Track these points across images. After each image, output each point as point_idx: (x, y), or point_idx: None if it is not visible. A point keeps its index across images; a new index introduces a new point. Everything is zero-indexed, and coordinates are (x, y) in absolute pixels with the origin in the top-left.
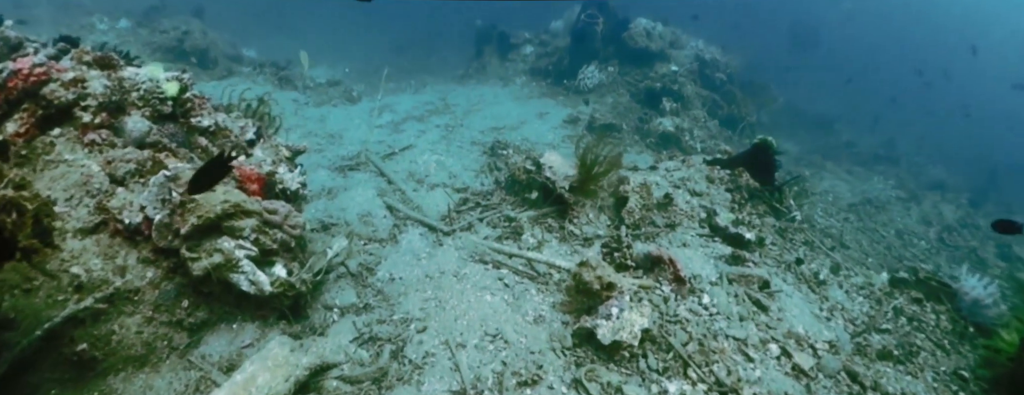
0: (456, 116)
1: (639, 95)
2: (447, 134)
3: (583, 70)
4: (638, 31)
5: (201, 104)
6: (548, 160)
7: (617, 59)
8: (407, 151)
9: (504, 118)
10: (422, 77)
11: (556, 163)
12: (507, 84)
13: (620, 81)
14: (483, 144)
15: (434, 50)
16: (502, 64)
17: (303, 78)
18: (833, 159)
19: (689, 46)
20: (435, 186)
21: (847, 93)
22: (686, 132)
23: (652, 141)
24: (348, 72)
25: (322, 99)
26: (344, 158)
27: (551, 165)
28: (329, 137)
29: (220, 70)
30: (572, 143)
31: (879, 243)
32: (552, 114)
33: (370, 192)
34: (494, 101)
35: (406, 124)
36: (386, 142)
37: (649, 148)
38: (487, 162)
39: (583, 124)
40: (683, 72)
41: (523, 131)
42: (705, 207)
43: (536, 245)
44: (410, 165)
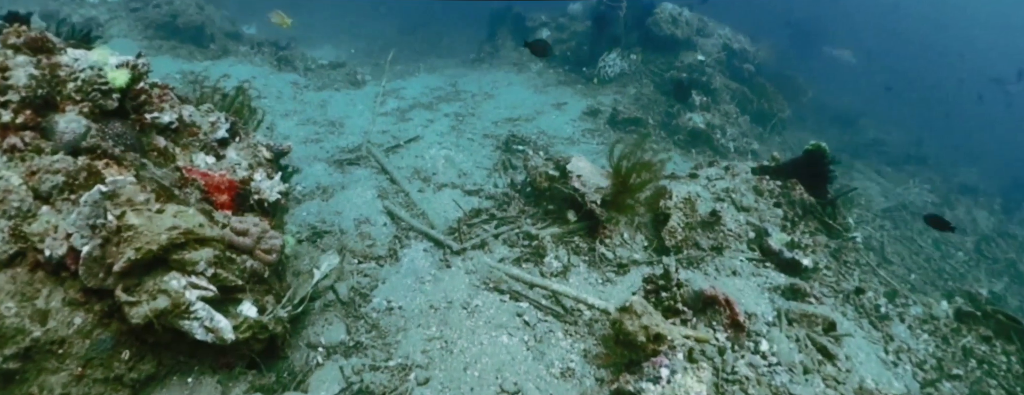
0: (467, 104)
1: (664, 86)
2: (457, 124)
3: (604, 57)
4: (664, 17)
5: (162, 96)
6: (575, 167)
7: (640, 46)
8: (413, 143)
9: (519, 108)
10: (432, 60)
11: (585, 171)
12: (522, 70)
13: (643, 70)
14: (496, 137)
15: (446, 31)
16: (517, 48)
17: (301, 57)
18: (862, 158)
19: (716, 34)
20: (443, 186)
21: (874, 87)
22: (718, 129)
23: (680, 138)
24: (354, 53)
25: (324, 82)
26: (344, 150)
27: (579, 173)
28: (329, 125)
29: (215, 49)
30: (593, 138)
31: (918, 254)
32: (570, 105)
33: (370, 193)
34: (508, 88)
35: (413, 112)
36: (391, 132)
37: (677, 146)
38: (501, 159)
39: (604, 117)
40: (710, 62)
41: (539, 123)
42: (754, 225)
43: (561, 270)
44: (416, 160)
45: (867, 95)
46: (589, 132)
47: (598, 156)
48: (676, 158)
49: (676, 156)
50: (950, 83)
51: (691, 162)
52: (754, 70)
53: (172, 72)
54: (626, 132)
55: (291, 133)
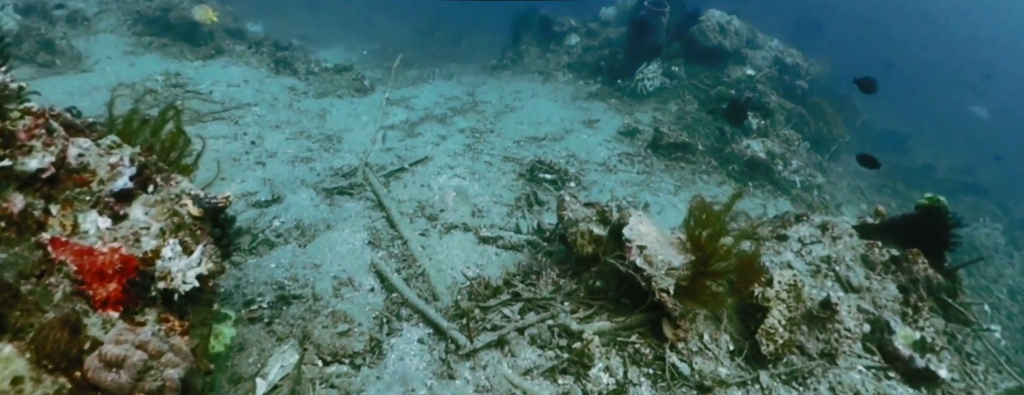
0: (486, 118)
1: (709, 103)
2: (474, 143)
3: (643, 69)
4: (710, 25)
5: (32, 128)
6: (635, 232)
7: (683, 57)
8: (421, 166)
9: (544, 124)
10: (449, 65)
11: (648, 239)
12: (547, 80)
13: (687, 85)
14: (519, 161)
15: (466, 34)
16: (543, 55)
17: (304, 59)
18: (916, 187)
19: (767, 46)
20: (452, 229)
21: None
22: (778, 159)
23: (735, 169)
24: (367, 55)
25: (326, 88)
26: (338, 173)
27: (640, 242)
28: (325, 140)
29: (209, 48)
30: (631, 165)
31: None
32: (603, 122)
33: (359, 237)
34: (532, 101)
35: (424, 126)
36: (396, 150)
37: (731, 178)
38: (525, 193)
39: (644, 139)
40: (760, 78)
41: (568, 143)
42: (869, 314)
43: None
44: (421, 191)
45: (908, 113)
46: (627, 157)
47: (639, 189)
48: (729, 191)
49: (731, 192)
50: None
51: (749, 199)
52: (807, 87)
53: (154, 73)
54: (671, 159)
55: (279, 149)
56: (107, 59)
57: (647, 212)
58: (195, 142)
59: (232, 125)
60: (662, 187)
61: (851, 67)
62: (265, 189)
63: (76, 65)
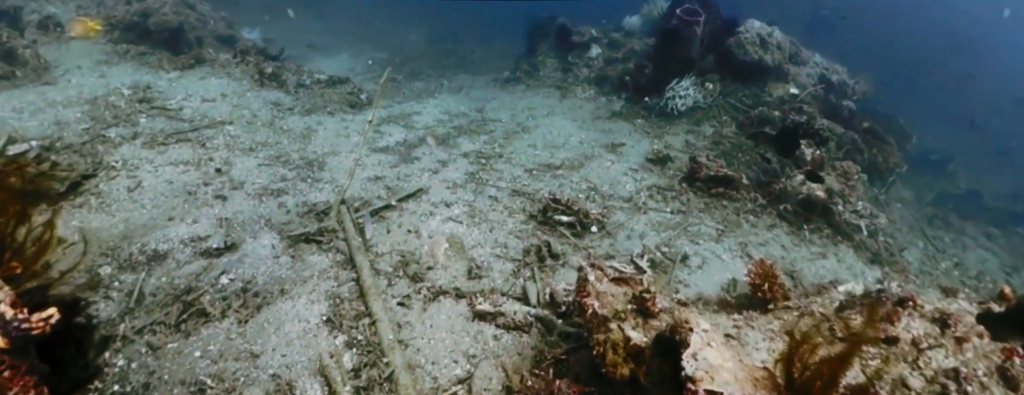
0: (494, 139)
1: (749, 126)
2: (479, 171)
3: (673, 85)
4: (750, 37)
5: None
6: (702, 362)
7: (718, 73)
8: (413, 200)
9: (561, 148)
10: (459, 77)
11: (723, 373)
12: (565, 95)
13: (723, 104)
14: (531, 196)
15: (479, 43)
16: (560, 67)
17: (296, 70)
18: (965, 216)
19: (811, 62)
20: (440, 296)
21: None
22: (838, 197)
23: (788, 209)
24: (371, 64)
25: (315, 103)
26: (313, 210)
27: (713, 385)
28: (305, 167)
29: (188, 57)
30: (665, 202)
31: None
32: (629, 146)
33: (317, 310)
34: (548, 120)
35: (423, 148)
36: (386, 179)
37: (783, 220)
38: (536, 244)
39: (677, 168)
40: (805, 97)
41: (589, 172)
42: None
43: None
44: (407, 239)
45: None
46: (658, 191)
47: (675, 235)
48: (784, 240)
49: (784, 237)
50: None
51: (805, 247)
52: (854, 109)
53: (122, 86)
54: (711, 195)
55: (248, 178)
56: (76, 69)
57: (686, 266)
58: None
59: (198, 148)
60: (702, 232)
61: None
62: (220, 233)
63: (39, 77)
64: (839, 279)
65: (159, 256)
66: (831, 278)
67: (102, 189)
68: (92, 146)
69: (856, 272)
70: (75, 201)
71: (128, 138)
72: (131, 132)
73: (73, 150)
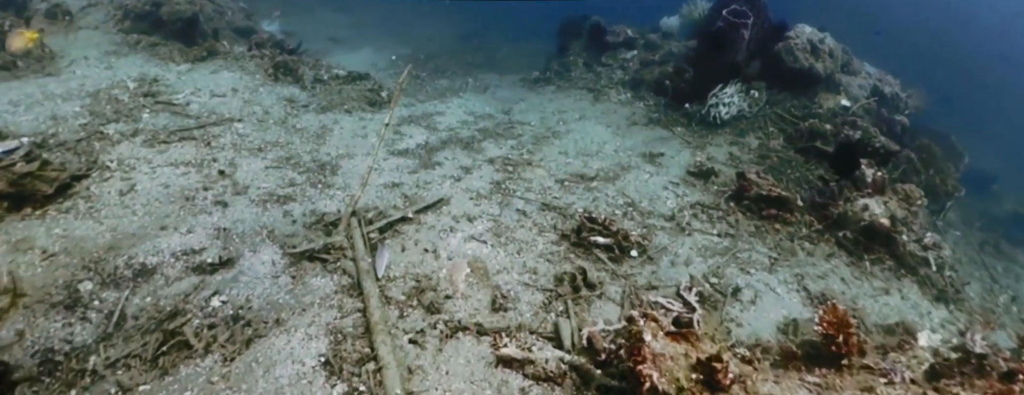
0: (522, 145)
1: (799, 140)
2: (505, 180)
3: (717, 92)
4: (800, 43)
5: None
6: None
7: (764, 80)
8: (432, 212)
9: (595, 157)
10: (485, 76)
11: None
12: (598, 98)
13: (769, 114)
14: (562, 211)
15: (508, 41)
16: (593, 68)
17: (314, 64)
18: (1019, 244)
19: (863, 72)
20: (459, 331)
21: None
22: (901, 225)
23: (847, 237)
24: (395, 60)
25: (332, 100)
26: (319, 222)
27: None
28: (317, 170)
29: (201, 49)
30: (711, 224)
31: None
32: (668, 157)
33: (315, 348)
34: (580, 125)
35: (445, 152)
36: (403, 187)
37: (841, 249)
38: (570, 271)
39: (722, 185)
40: (857, 110)
41: (625, 184)
42: None
43: None
44: (423, 260)
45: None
46: (703, 210)
47: (724, 261)
48: (843, 272)
49: (843, 269)
50: None
51: (867, 281)
52: (907, 124)
53: (127, 78)
54: (762, 217)
55: (253, 182)
56: (83, 60)
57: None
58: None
59: (202, 147)
60: (753, 259)
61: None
62: (216, 245)
63: (43, 68)
64: (907, 322)
65: (146, 271)
66: (896, 318)
67: (93, 192)
68: (88, 143)
69: (922, 311)
70: (63, 205)
71: (128, 135)
72: (131, 129)
73: (67, 147)
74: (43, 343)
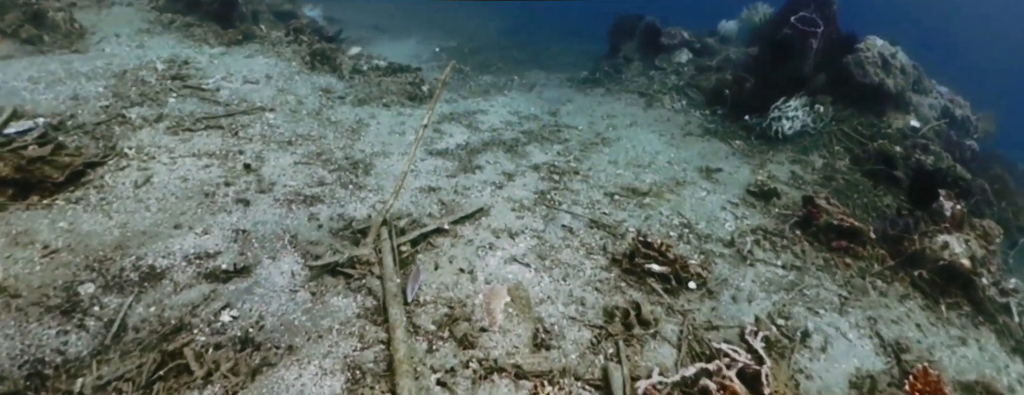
0: (570, 151)
1: (867, 161)
2: (550, 189)
3: (780, 104)
4: (870, 56)
5: None
6: None
7: (829, 94)
8: (467, 223)
9: (647, 169)
10: (531, 73)
11: None
12: (651, 104)
13: (835, 131)
14: (612, 230)
15: (555, 38)
16: (645, 72)
17: (355, 54)
18: None
19: (934, 92)
20: (494, 373)
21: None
22: (981, 267)
23: (923, 277)
24: (438, 52)
25: (370, 93)
26: (348, 226)
27: None
28: (349, 168)
29: (236, 32)
30: (775, 253)
31: None
32: (726, 173)
33: (329, 386)
34: (630, 132)
35: (486, 154)
36: (440, 192)
37: (916, 289)
38: (622, 306)
39: (785, 208)
40: (927, 132)
41: (680, 202)
42: None
43: None
44: (457, 281)
45: None
46: (766, 236)
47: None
48: (919, 317)
49: (918, 313)
50: None
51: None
52: (977, 150)
53: (157, 59)
54: (830, 249)
55: (280, 178)
56: (113, 37)
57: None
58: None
59: (229, 137)
60: (822, 298)
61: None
62: (233, 249)
63: (71, 44)
64: (989, 383)
65: (155, 275)
66: (974, 373)
67: (106, 182)
68: (108, 127)
69: (999, 365)
70: (73, 194)
71: (151, 120)
72: (155, 114)
73: (85, 131)
74: (33, 352)
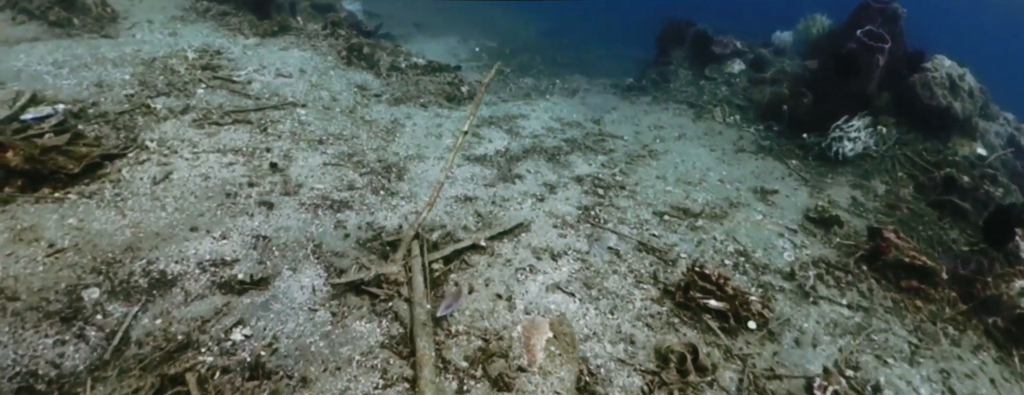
0: (614, 162)
1: (932, 190)
2: (594, 205)
3: (842, 124)
4: (938, 78)
5: None
6: None
7: (893, 116)
8: (506, 240)
9: (698, 187)
10: (573, 77)
11: None
12: (701, 115)
13: (898, 155)
14: (662, 255)
15: (597, 41)
16: (695, 81)
17: (391, 50)
18: None
19: (1001, 118)
20: None
21: None
22: None
23: (998, 325)
24: (478, 52)
25: (407, 92)
26: (377, 237)
27: None
28: (382, 171)
29: (273, 23)
30: (839, 291)
31: None
32: (783, 196)
33: None
34: (679, 144)
35: (527, 163)
36: (477, 202)
37: (990, 340)
38: (677, 349)
39: (847, 237)
40: (994, 161)
41: (734, 226)
42: None
43: None
44: (493, 309)
45: None
46: (829, 270)
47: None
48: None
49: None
50: None
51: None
52: None
53: (188, 47)
54: (899, 289)
55: (307, 180)
56: (146, 24)
57: None
58: None
59: (257, 133)
60: (891, 345)
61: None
62: (252, 256)
63: (101, 28)
64: None
65: (165, 282)
66: None
67: (123, 176)
68: (131, 117)
69: None
70: (86, 188)
71: (176, 112)
72: (182, 105)
73: (106, 120)
74: (27, 364)
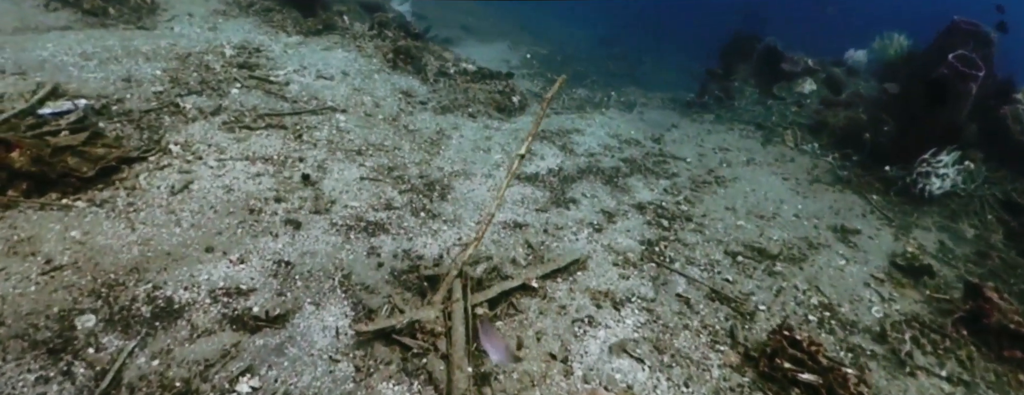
0: (678, 188)
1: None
2: (659, 239)
3: (929, 158)
4: None
5: None
6: None
7: (981, 151)
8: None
9: (772, 222)
10: (628, 89)
11: None
12: (770, 139)
13: (986, 196)
14: (738, 306)
15: (653, 51)
16: (762, 100)
17: (439, 55)
18: None
19: None
20: None
21: None
22: None
23: None
24: (529, 59)
25: (454, 100)
26: (414, 268)
27: None
28: (424, 189)
29: (317, 21)
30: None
31: None
32: (866, 237)
33: None
34: (747, 171)
35: (582, 185)
36: (527, 231)
37: None
38: None
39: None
40: None
41: (815, 272)
42: None
43: None
44: (547, 373)
45: None
46: (923, 332)
47: None
48: None
49: None
50: None
51: None
52: None
53: (226, 43)
54: (1003, 360)
55: (341, 196)
56: (186, 17)
57: None
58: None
59: (291, 140)
60: None
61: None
62: (271, 286)
63: (138, 19)
64: None
65: (171, 312)
66: None
67: (140, 183)
68: (157, 117)
69: None
70: (98, 195)
71: (207, 113)
72: (213, 105)
73: (130, 119)
74: None
